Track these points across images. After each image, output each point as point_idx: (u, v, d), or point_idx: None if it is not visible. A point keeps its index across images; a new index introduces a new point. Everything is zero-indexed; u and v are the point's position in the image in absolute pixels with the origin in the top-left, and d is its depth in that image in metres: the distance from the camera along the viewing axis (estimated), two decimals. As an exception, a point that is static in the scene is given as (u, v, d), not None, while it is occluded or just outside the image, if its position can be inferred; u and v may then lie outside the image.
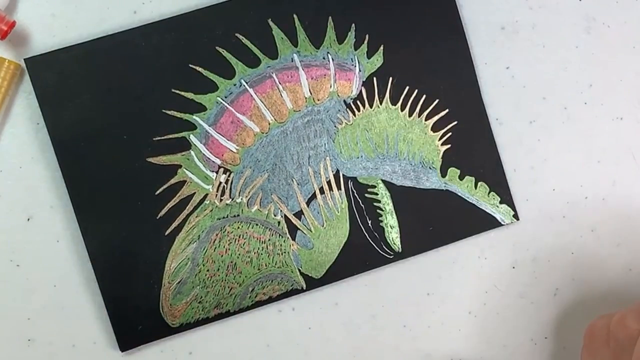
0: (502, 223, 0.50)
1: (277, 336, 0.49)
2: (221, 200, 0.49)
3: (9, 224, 0.48)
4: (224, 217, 0.48)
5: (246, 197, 0.49)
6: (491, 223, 0.50)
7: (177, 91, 0.48)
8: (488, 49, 0.51)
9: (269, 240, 0.49)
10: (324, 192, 0.49)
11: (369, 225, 0.49)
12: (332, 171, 0.49)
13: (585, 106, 0.52)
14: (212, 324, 0.49)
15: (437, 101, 0.50)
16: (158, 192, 0.48)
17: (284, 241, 0.49)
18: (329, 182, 0.49)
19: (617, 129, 0.52)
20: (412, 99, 0.50)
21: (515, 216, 0.51)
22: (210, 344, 0.49)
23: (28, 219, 0.48)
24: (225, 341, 0.49)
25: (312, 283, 0.49)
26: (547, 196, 0.51)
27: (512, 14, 0.51)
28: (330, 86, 0.49)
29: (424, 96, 0.50)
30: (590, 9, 0.51)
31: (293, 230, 0.49)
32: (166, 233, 0.48)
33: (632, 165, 0.52)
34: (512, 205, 0.50)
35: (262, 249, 0.49)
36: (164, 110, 0.48)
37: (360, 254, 0.50)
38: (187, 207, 0.48)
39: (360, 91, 0.49)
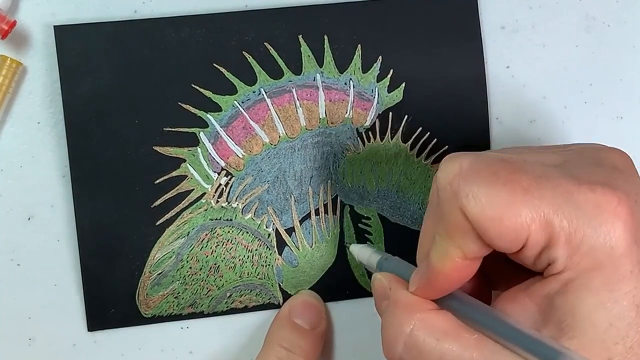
0: None
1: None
2: (217, 202, 0.49)
3: (9, 224, 0.48)
4: (216, 219, 0.49)
5: (242, 203, 0.49)
6: None
7: (196, 87, 0.48)
8: (488, 49, 0.51)
9: (256, 250, 0.49)
10: (318, 214, 0.49)
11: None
12: (331, 195, 0.50)
13: (585, 105, 0.52)
14: (212, 323, 0.49)
15: (446, 147, 0.50)
16: (157, 181, 0.48)
17: (270, 254, 0.49)
18: (325, 205, 0.49)
19: (617, 128, 0.52)
20: (423, 140, 0.50)
21: None
22: (210, 344, 0.49)
23: (28, 219, 0.48)
24: (225, 341, 0.49)
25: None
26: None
27: (512, 14, 0.51)
28: (346, 112, 0.49)
29: (435, 140, 0.50)
30: (590, 8, 0.52)
31: (281, 245, 0.49)
32: (157, 223, 0.48)
33: (632, 165, 0.52)
34: None
35: (248, 258, 0.49)
36: (179, 103, 0.48)
37: (342, 282, 0.50)
38: (183, 202, 0.48)
39: (374, 123, 0.50)
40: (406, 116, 0.50)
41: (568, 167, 0.37)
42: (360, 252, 0.46)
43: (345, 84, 0.49)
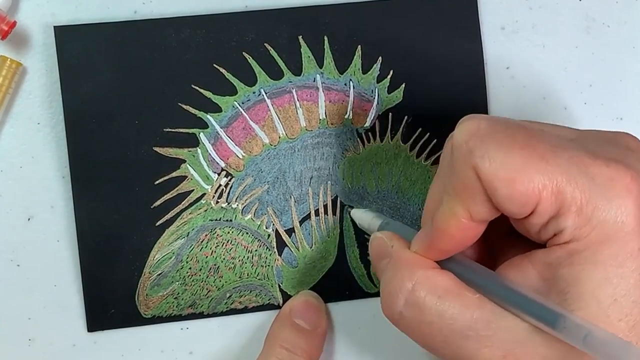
0: None
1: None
2: (217, 202, 0.49)
3: (9, 224, 0.48)
4: (216, 220, 0.49)
5: (242, 204, 0.49)
6: None
7: (196, 87, 0.48)
8: (488, 49, 0.51)
9: (256, 251, 0.49)
10: (318, 215, 0.49)
11: (357, 256, 0.49)
12: (331, 196, 0.50)
13: (585, 106, 0.52)
14: (212, 324, 0.49)
15: None
16: (157, 182, 0.48)
17: (270, 255, 0.49)
18: (325, 206, 0.49)
19: (617, 129, 0.52)
20: (422, 141, 0.50)
21: None
22: (210, 343, 0.49)
23: (28, 219, 0.48)
24: (225, 341, 0.49)
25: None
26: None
27: (512, 14, 0.51)
28: (346, 113, 0.49)
29: (435, 140, 0.50)
30: (590, 9, 0.52)
31: (281, 245, 0.49)
32: (157, 224, 0.48)
33: (632, 166, 0.52)
34: None
35: (247, 258, 0.49)
36: (179, 104, 0.48)
37: (342, 283, 0.50)
38: (183, 203, 0.48)
39: (374, 124, 0.50)
40: (406, 117, 0.50)
41: (584, 142, 0.37)
42: (362, 216, 0.47)
43: (345, 84, 0.49)
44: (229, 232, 0.49)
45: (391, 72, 0.50)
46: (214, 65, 0.48)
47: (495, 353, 0.36)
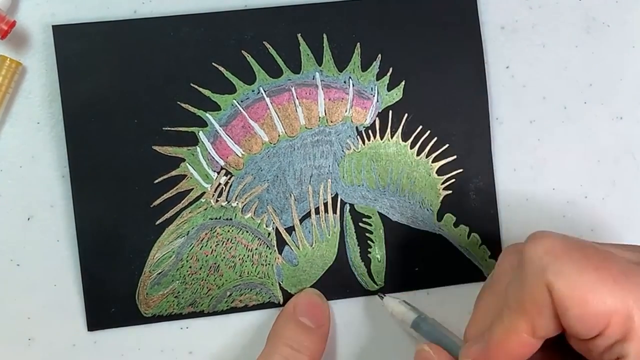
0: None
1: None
2: (217, 201, 0.49)
3: (9, 224, 0.48)
4: (216, 218, 0.49)
5: (242, 202, 0.49)
6: (476, 276, 0.51)
7: (196, 86, 0.48)
8: (488, 49, 0.51)
9: (256, 249, 0.49)
10: (319, 213, 0.49)
11: (357, 254, 0.49)
12: (331, 194, 0.50)
13: (585, 106, 0.52)
14: (212, 323, 0.49)
15: (447, 146, 0.50)
16: (157, 181, 0.48)
17: (270, 253, 0.49)
18: (325, 204, 0.49)
19: (617, 128, 0.52)
20: (423, 138, 0.50)
21: None
22: (210, 343, 0.49)
23: (28, 219, 0.48)
24: (225, 340, 0.49)
25: (290, 299, 0.49)
26: (547, 196, 0.51)
27: (512, 14, 0.51)
28: (346, 110, 0.49)
29: (435, 138, 0.50)
30: (590, 8, 0.52)
31: (281, 244, 0.49)
32: (157, 223, 0.48)
33: (632, 165, 0.52)
34: None
35: (248, 257, 0.49)
36: (179, 102, 0.48)
37: (342, 281, 0.50)
38: (182, 202, 0.48)
39: (374, 121, 0.50)
40: (406, 114, 0.50)
41: None
42: (396, 308, 0.47)
43: (345, 82, 0.49)
44: (229, 231, 0.49)
45: (391, 70, 0.50)
46: (213, 63, 0.48)
47: None
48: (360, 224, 0.50)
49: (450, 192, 0.50)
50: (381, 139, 0.50)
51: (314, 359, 0.47)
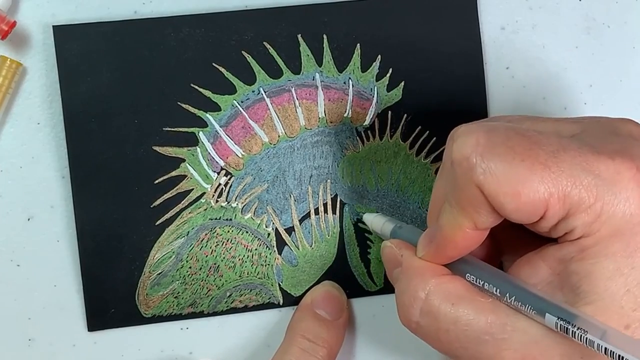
0: None
1: (278, 337, 0.49)
2: (217, 201, 0.49)
3: (9, 224, 0.48)
4: (216, 219, 0.49)
5: (242, 203, 0.49)
6: None
7: (196, 87, 0.48)
8: (488, 49, 0.51)
9: (256, 250, 0.49)
10: (318, 213, 0.49)
11: (357, 254, 0.49)
12: (331, 194, 0.50)
13: (585, 106, 0.52)
14: (212, 323, 0.49)
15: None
16: (157, 181, 0.48)
17: (270, 254, 0.49)
18: (325, 205, 0.49)
19: (617, 129, 0.52)
20: (422, 139, 0.50)
21: None
22: (210, 343, 0.49)
23: (28, 219, 0.48)
24: (225, 341, 0.49)
25: (290, 300, 0.49)
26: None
27: (512, 14, 0.51)
28: (346, 111, 0.49)
29: (434, 139, 0.50)
30: (590, 9, 0.52)
31: (281, 244, 0.49)
32: (157, 223, 0.48)
33: (632, 166, 0.52)
34: None
35: (247, 257, 0.49)
36: (179, 103, 0.48)
37: (342, 281, 0.50)
38: (183, 202, 0.48)
39: (374, 122, 0.50)
40: (405, 115, 0.50)
41: (585, 136, 0.37)
42: (374, 221, 0.47)
43: (345, 83, 0.49)
44: (228, 231, 0.49)
45: (390, 71, 0.50)
46: (213, 64, 0.48)
47: (514, 355, 0.36)
48: (360, 224, 0.50)
49: None
50: (381, 140, 0.50)
51: (331, 350, 0.47)
